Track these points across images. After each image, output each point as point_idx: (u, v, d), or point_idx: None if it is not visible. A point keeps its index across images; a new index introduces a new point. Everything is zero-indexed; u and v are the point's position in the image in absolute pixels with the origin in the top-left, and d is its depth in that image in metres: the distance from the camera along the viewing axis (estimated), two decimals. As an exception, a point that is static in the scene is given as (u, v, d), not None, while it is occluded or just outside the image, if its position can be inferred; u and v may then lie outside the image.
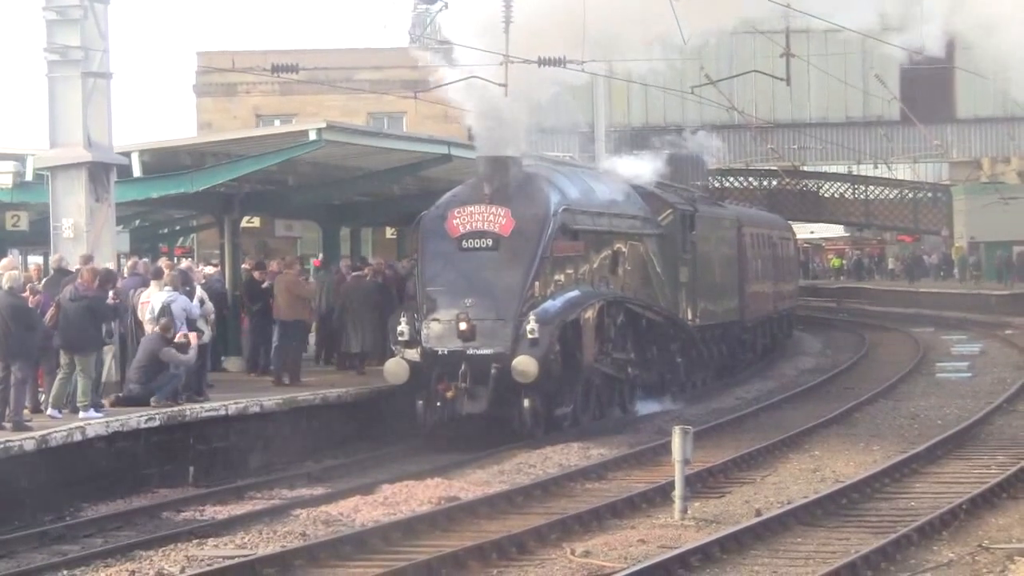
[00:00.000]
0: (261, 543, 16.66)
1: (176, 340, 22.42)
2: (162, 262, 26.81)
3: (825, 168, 77.24)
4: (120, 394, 22.38)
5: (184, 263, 28.22)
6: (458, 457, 22.82)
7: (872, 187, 78.54)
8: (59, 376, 21.10)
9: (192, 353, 22.59)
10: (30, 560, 16.33)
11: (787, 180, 75.18)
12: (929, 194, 79.48)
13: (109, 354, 22.72)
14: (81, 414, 20.54)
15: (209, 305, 24.31)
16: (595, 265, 27.28)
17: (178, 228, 41.14)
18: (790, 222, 52.35)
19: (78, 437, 19.54)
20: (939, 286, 69.53)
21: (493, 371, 24.06)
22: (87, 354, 21.02)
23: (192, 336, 22.62)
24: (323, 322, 30.35)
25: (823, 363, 41.56)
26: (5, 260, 23.64)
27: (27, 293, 20.65)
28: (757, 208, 51.97)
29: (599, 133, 57.00)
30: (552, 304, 25.00)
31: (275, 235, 45.92)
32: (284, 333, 26.87)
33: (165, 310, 22.74)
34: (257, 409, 23.00)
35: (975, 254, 71.85)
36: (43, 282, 23.06)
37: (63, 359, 21.12)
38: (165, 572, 15.27)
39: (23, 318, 20.11)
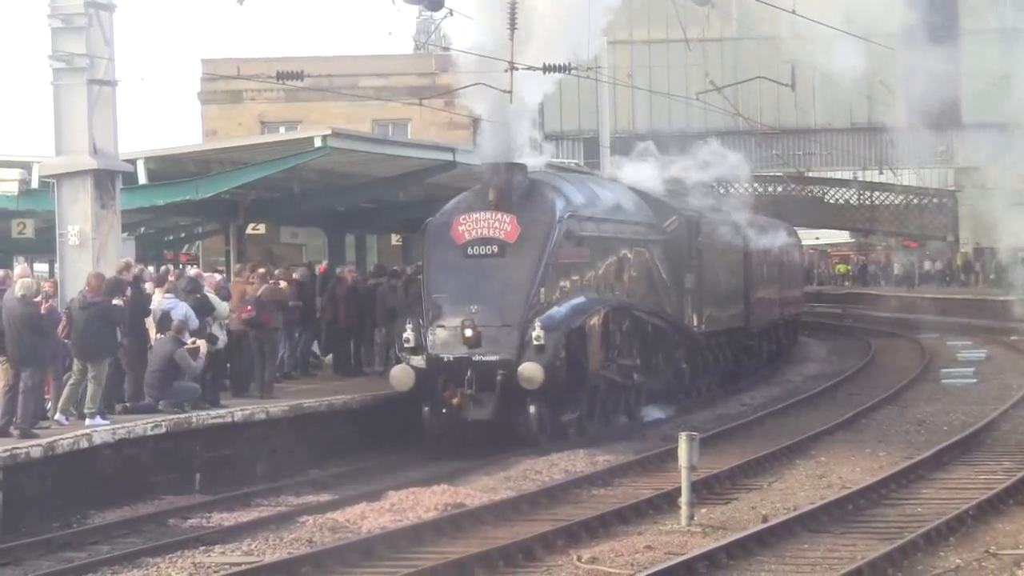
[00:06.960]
0: (268, 550, 16.68)
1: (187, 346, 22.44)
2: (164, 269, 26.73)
3: (830, 174, 77.14)
4: (128, 404, 22.37)
5: (192, 270, 28.22)
6: (464, 464, 22.81)
7: (877, 193, 78.41)
8: (71, 381, 21.08)
9: (200, 361, 22.57)
10: (36, 567, 16.33)
11: (792, 186, 75.09)
12: (935, 200, 79.31)
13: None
14: (88, 421, 20.52)
15: (223, 307, 24.18)
16: (600, 271, 27.24)
17: (183, 235, 41.25)
18: (795, 228, 52.28)
19: (85, 444, 19.51)
20: (944, 292, 69.39)
21: (499, 378, 24.02)
22: (100, 361, 21.00)
23: (201, 344, 22.61)
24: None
25: (829, 369, 41.50)
26: (18, 268, 23.65)
27: (39, 298, 20.63)
28: (762, 214, 51.90)
29: (604, 139, 57.04)
30: (558, 311, 24.96)
31: (280, 242, 45.92)
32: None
33: (166, 317, 22.73)
34: (263, 416, 22.99)
35: (980, 259, 71.62)
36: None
37: (76, 366, 21.11)
38: (172, 579, 15.30)
39: (36, 325, 20.09)
